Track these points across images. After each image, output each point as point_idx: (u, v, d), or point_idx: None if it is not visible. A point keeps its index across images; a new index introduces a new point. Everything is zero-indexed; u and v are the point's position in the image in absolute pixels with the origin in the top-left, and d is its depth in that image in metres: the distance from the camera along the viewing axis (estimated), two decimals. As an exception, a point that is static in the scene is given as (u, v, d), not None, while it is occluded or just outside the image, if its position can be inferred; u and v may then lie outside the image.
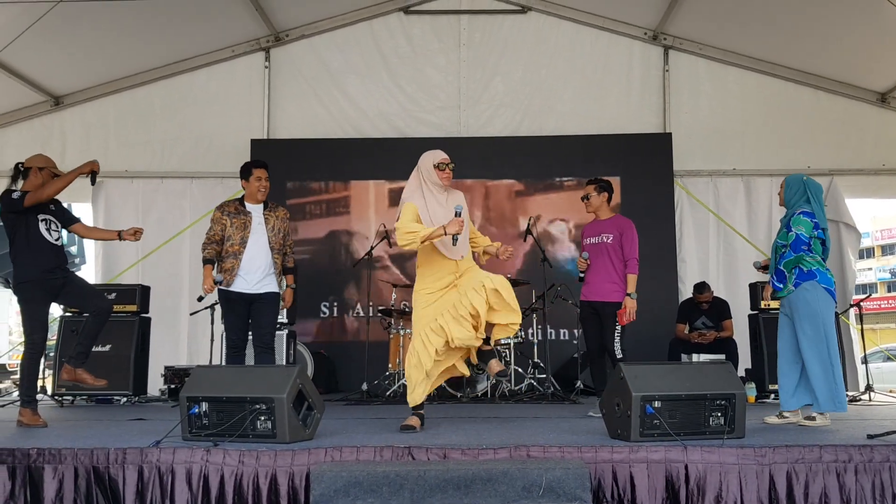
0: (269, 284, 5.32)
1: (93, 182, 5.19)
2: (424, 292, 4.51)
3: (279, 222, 5.41)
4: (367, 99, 8.86)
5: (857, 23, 7.39)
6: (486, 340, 4.53)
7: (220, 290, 5.27)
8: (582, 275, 5.67)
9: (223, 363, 5.99)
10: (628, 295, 5.38)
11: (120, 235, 5.21)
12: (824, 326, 4.64)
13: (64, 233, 5.22)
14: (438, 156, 4.62)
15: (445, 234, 4.30)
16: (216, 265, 5.25)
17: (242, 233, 5.25)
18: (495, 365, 4.55)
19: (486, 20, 8.90)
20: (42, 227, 5.00)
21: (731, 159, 8.64)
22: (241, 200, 5.41)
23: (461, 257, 4.50)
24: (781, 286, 4.77)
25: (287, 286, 5.57)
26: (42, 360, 5.15)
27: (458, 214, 4.39)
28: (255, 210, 5.37)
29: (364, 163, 8.64)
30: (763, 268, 5.28)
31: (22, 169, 5.11)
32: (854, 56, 8.06)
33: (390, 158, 8.60)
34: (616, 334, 5.41)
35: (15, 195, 4.90)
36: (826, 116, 8.61)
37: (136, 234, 5.20)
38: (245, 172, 5.42)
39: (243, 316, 5.27)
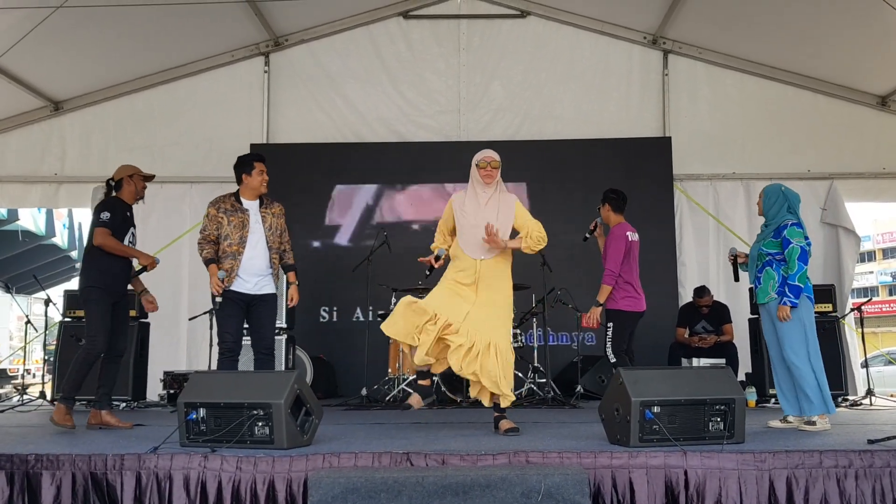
0: (269, 285, 5.11)
1: (136, 273, 5.40)
2: (450, 279, 4.67)
3: (275, 219, 5.18)
4: (366, 103, 8.86)
5: (856, 26, 7.39)
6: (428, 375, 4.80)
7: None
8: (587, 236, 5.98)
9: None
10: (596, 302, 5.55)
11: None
12: (807, 331, 4.73)
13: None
14: (481, 154, 4.74)
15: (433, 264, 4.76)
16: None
17: (241, 232, 4.99)
18: (415, 401, 4.74)
19: (485, 25, 8.91)
20: (127, 240, 5.27)
21: (730, 163, 8.63)
22: (236, 196, 5.13)
23: (480, 258, 4.57)
24: (797, 301, 4.68)
25: (290, 283, 5.28)
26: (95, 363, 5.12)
27: (437, 259, 4.74)
28: (252, 207, 5.11)
29: (364, 167, 8.65)
30: (735, 258, 5.23)
31: (113, 183, 5.39)
32: (853, 59, 8.05)
33: (390, 163, 8.62)
34: (607, 339, 5.52)
35: (104, 217, 5.12)
36: (826, 120, 8.60)
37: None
38: (246, 166, 5.13)
39: (240, 318, 5.02)
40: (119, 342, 5.25)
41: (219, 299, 4.90)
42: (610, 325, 5.59)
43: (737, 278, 5.36)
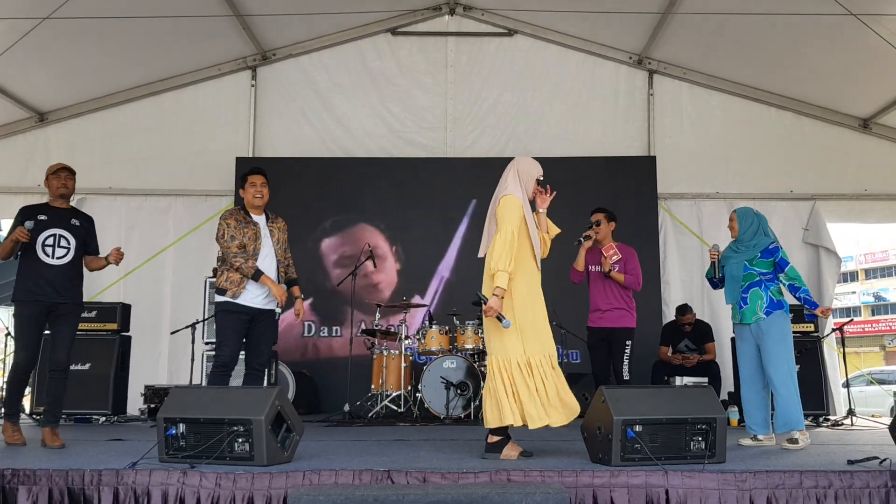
0: (273, 301, 5.00)
1: (17, 254, 4.86)
2: (520, 301, 4.25)
3: (280, 234, 5.16)
4: (353, 118, 8.88)
5: (840, 49, 7.49)
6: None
7: (220, 301, 4.90)
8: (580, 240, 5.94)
9: (204, 382, 5.78)
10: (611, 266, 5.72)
11: (107, 259, 5.10)
12: (789, 351, 4.97)
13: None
14: (540, 170, 4.56)
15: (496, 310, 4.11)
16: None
17: (255, 244, 4.94)
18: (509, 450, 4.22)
19: (472, 42, 8.97)
20: (42, 245, 4.88)
21: (714, 183, 8.71)
22: (245, 210, 5.10)
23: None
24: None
25: (296, 297, 5.21)
26: (28, 378, 5.05)
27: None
28: (260, 221, 5.09)
29: (350, 182, 8.64)
30: (720, 255, 5.33)
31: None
32: (837, 82, 8.16)
33: (377, 178, 8.62)
34: (625, 358, 5.70)
35: None
36: (809, 141, 8.70)
37: (118, 256, 5.08)
38: (242, 180, 5.18)
39: (241, 334, 4.92)
40: (57, 355, 4.92)
41: (279, 310, 5.00)
42: (628, 343, 5.77)
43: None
